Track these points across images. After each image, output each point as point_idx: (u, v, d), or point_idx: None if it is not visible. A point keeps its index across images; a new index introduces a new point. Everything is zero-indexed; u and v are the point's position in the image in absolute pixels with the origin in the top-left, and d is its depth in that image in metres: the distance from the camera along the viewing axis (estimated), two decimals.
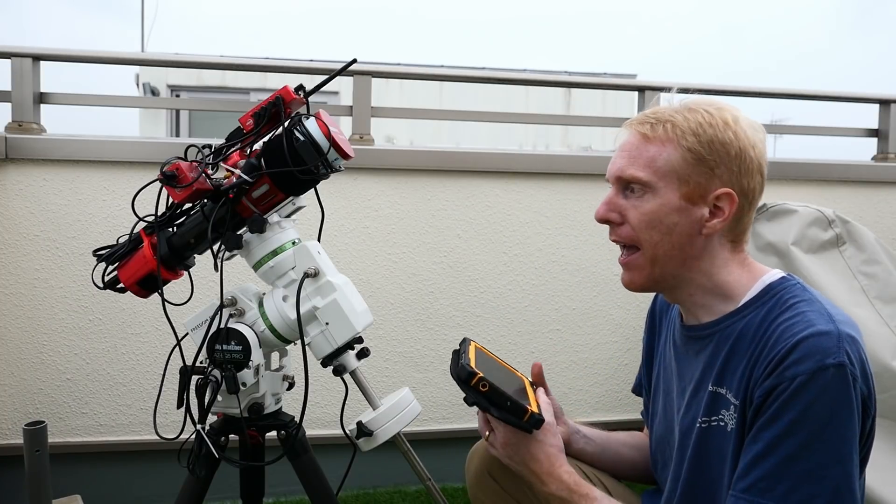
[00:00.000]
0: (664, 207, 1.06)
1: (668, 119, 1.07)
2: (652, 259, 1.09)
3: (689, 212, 1.06)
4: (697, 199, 1.05)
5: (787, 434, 0.95)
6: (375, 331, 2.28)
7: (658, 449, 1.27)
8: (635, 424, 1.49)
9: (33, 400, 2.15)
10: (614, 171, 1.10)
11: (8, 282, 2.11)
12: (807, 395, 0.94)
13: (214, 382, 1.19)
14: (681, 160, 1.05)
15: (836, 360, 0.94)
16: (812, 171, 2.60)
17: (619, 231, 1.12)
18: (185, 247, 1.23)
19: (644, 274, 1.11)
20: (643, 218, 1.07)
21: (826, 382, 0.94)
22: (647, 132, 1.07)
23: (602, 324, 2.47)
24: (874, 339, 2.17)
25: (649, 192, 1.06)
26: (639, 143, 1.08)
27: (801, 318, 1.00)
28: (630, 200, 1.09)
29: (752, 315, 1.06)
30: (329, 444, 1.71)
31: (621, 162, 1.09)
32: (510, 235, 2.40)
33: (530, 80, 3.41)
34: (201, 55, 6.59)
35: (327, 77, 1.23)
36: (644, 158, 1.06)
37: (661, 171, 1.05)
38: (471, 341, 1.36)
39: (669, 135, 1.05)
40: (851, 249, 2.34)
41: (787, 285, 1.07)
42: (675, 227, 1.06)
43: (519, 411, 1.10)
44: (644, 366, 1.39)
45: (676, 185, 1.05)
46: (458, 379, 1.13)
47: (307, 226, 1.36)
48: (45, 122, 2.22)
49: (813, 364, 0.94)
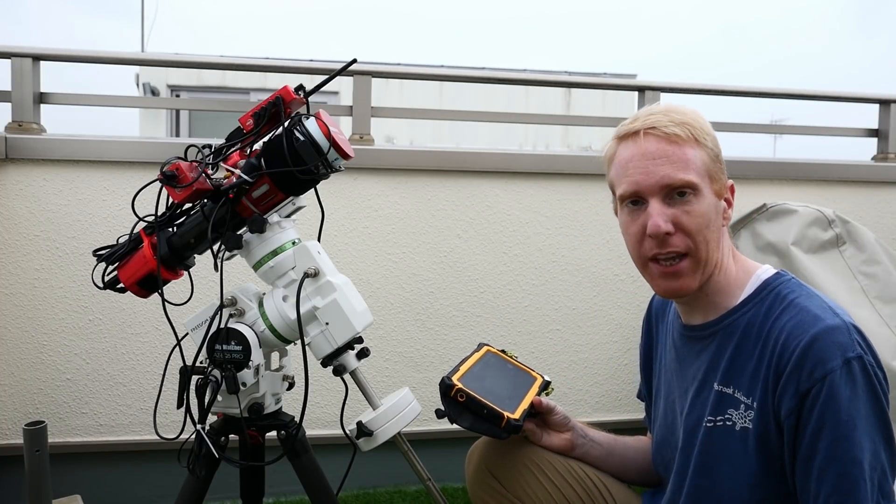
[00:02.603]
0: (710, 207, 1.07)
1: (685, 120, 1.07)
2: (705, 261, 1.08)
3: (718, 206, 1.09)
4: (722, 193, 1.10)
5: (839, 440, 0.96)
6: (375, 331, 2.28)
7: (660, 451, 1.27)
8: (635, 424, 1.50)
9: (33, 400, 2.15)
10: (660, 180, 1.05)
11: (8, 282, 2.11)
12: (844, 394, 0.96)
13: (214, 382, 1.19)
14: (707, 158, 1.07)
15: (855, 352, 0.97)
16: (812, 171, 2.60)
17: (673, 241, 1.07)
18: (185, 247, 1.23)
19: (696, 278, 1.09)
20: (698, 221, 1.06)
21: (855, 376, 0.97)
22: (679, 132, 1.05)
23: (602, 324, 2.47)
24: (874, 339, 2.14)
25: (697, 194, 1.06)
26: (672, 147, 1.06)
27: (806, 315, 1.01)
28: (679, 207, 1.06)
29: (752, 312, 1.07)
30: (329, 444, 1.71)
31: (665, 169, 1.05)
32: (510, 235, 2.40)
33: (530, 80, 3.41)
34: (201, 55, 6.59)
35: (327, 77, 1.23)
36: (684, 161, 1.05)
37: (700, 171, 1.06)
38: (485, 346, 1.38)
39: (692, 135, 1.06)
40: (851, 249, 2.34)
41: (782, 281, 1.09)
42: (715, 225, 1.08)
43: (495, 418, 1.12)
44: (643, 372, 1.39)
45: (710, 183, 1.07)
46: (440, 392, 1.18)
47: (307, 226, 1.36)
48: (45, 122, 2.22)
49: (838, 360, 0.97)
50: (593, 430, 1.38)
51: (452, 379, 1.17)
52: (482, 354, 1.36)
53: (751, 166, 2.52)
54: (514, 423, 1.14)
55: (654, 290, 1.14)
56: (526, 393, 1.30)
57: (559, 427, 1.34)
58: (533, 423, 1.31)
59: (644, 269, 1.13)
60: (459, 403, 1.15)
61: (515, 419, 1.14)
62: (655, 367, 1.32)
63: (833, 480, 0.97)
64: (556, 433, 1.34)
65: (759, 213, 2.34)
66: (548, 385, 1.37)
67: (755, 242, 2.32)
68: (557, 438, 1.33)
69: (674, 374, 1.22)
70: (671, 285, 1.09)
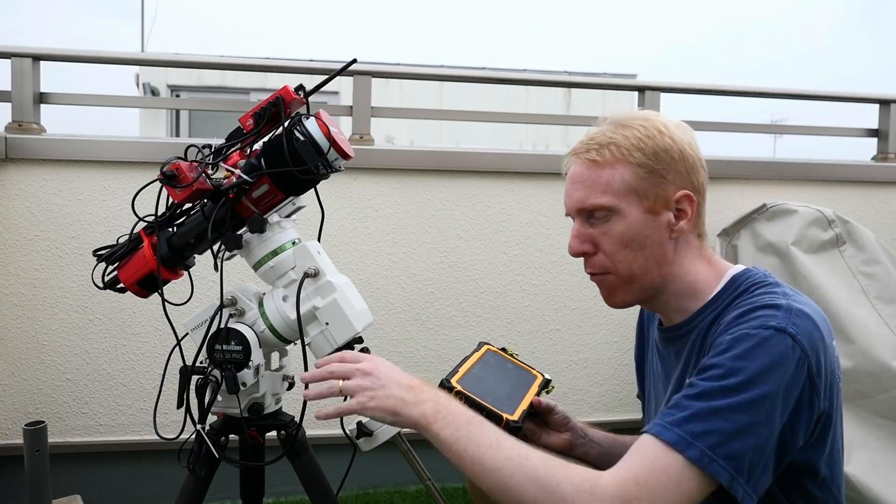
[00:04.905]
0: (633, 225, 1.08)
1: (609, 141, 1.09)
2: (628, 278, 1.11)
3: (656, 221, 1.09)
4: (660, 208, 1.09)
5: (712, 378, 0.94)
6: (375, 331, 2.28)
7: None
8: (635, 424, 1.49)
9: (33, 400, 2.15)
10: (574, 204, 1.12)
11: (8, 282, 2.11)
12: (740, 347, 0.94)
13: (214, 382, 1.19)
14: (634, 177, 1.08)
15: (779, 324, 0.95)
16: (812, 171, 2.60)
17: (593, 262, 1.13)
18: (185, 247, 1.23)
19: (629, 292, 1.13)
20: (615, 241, 1.09)
21: (763, 339, 0.94)
22: (596, 158, 1.09)
23: (602, 324, 2.47)
24: (874, 339, 2.17)
25: (614, 215, 1.08)
26: (590, 171, 1.10)
27: (757, 298, 1.02)
28: (598, 228, 1.10)
29: (719, 306, 1.09)
30: (329, 444, 1.71)
31: (579, 193, 1.11)
32: (510, 235, 2.40)
33: (530, 80, 3.41)
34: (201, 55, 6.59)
35: (327, 77, 1.23)
36: (600, 184, 1.08)
37: (619, 192, 1.08)
38: (485, 345, 1.38)
39: (616, 155, 1.08)
40: (851, 249, 2.34)
41: (749, 274, 1.10)
42: (646, 241, 1.09)
43: (494, 420, 1.13)
44: (637, 374, 1.40)
45: (637, 202, 1.08)
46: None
47: (307, 226, 1.36)
48: (45, 122, 2.22)
49: (756, 323, 0.96)
50: (593, 430, 1.38)
51: (451, 381, 1.17)
52: (482, 354, 1.36)
53: (751, 166, 2.52)
54: (513, 424, 1.14)
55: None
56: (525, 393, 1.30)
57: (559, 427, 1.34)
58: (532, 423, 1.31)
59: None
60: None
61: (514, 420, 1.15)
62: (646, 368, 1.33)
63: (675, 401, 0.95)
64: (556, 433, 1.34)
65: (759, 213, 2.34)
66: (548, 383, 1.37)
67: (755, 242, 2.32)
68: (557, 438, 1.33)
69: (659, 376, 1.24)
70: (607, 297, 1.16)
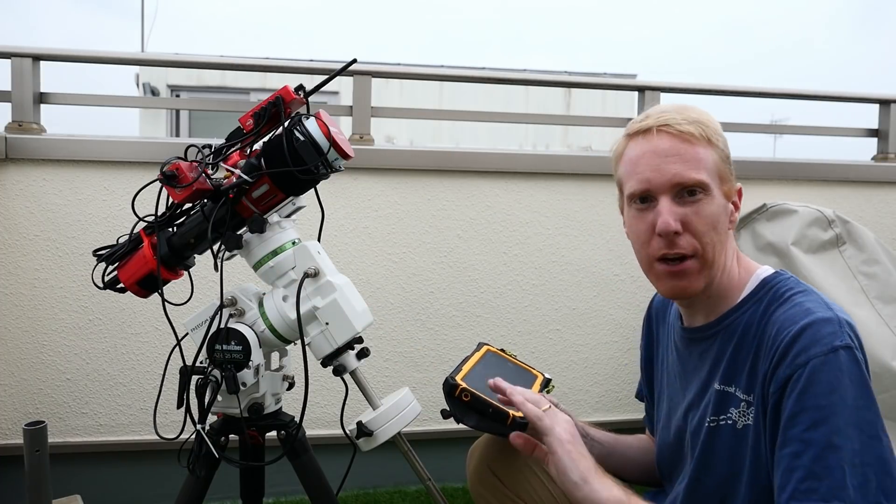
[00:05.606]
0: (719, 208, 1.06)
1: (698, 119, 1.06)
2: (711, 262, 1.06)
3: (727, 209, 1.08)
4: (731, 195, 1.09)
5: (821, 421, 0.92)
6: (375, 331, 2.28)
7: (663, 453, 1.27)
8: (635, 424, 1.50)
9: (33, 400, 2.15)
10: (672, 178, 1.04)
11: (8, 282, 2.11)
12: (825, 379, 0.93)
13: (214, 382, 1.19)
14: (718, 159, 1.06)
15: (843, 342, 0.95)
16: (812, 171, 2.60)
17: (681, 243, 1.05)
18: (185, 247, 1.23)
19: (702, 279, 1.07)
20: (707, 222, 1.04)
21: (840, 364, 0.93)
22: (693, 131, 1.04)
23: (602, 324, 2.47)
24: (874, 339, 2.17)
25: (707, 194, 1.04)
26: (684, 146, 1.04)
27: (799, 308, 1.00)
28: (689, 206, 1.04)
29: (751, 310, 1.07)
30: (329, 444, 1.71)
31: (676, 167, 1.04)
32: (510, 235, 2.40)
33: (530, 80, 3.41)
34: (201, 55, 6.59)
35: (327, 77, 1.23)
36: (696, 160, 1.04)
37: (711, 171, 1.05)
38: (484, 346, 1.38)
39: (706, 135, 1.05)
40: (851, 249, 2.34)
41: (781, 279, 1.09)
42: (723, 227, 1.07)
43: (501, 417, 1.12)
44: (643, 373, 1.39)
45: (720, 185, 1.06)
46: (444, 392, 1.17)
47: (307, 226, 1.36)
48: (45, 122, 2.22)
49: (823, 347, 0.94)
50: (594, 429, 1.38)
51: (456, 378, 1.17)
52: (482, 354, 1.36)
53: (751, 166, 2.52)
54: (520, 420, 1.14)
55: (659, 290, 1.12)
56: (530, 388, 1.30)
57: None
58: None
59: (650, 268, 1.11)
60: (464, 403, 1.15)
61: (520, 417, 1.14)
62: (656, 367, 1.32)
63: (808, 465, 0.92)
64: None
65: (759, 213, 2.34)
66: (548, 382, 1.37)
67: (755, 242, 2.32)
68: None
69: (676, 376, 1.22)
70: (677, 285, 1.08)
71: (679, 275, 1.07)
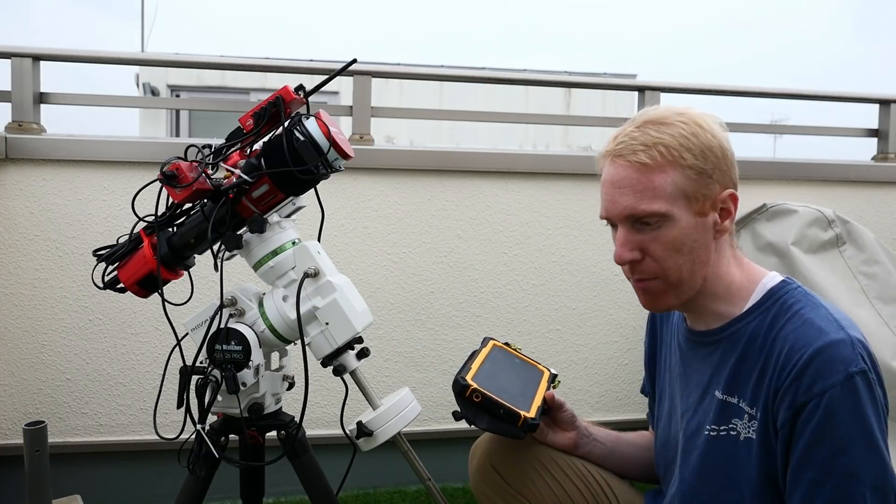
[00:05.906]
0: (684, 231, 1.04)
1: (657, 141, 1.02)
2: (676, 282, 1.06)
3: (703, 224, 1.05)
4: (708, 209, 1.05)
5: (841, 452, 0.94)
6: (375, 331, 2.28)
7: (662, 452, 1.27)
8: (635, 424, 1.50)
9: (33, 400, 2.14)
10: (623, 210, 1.04)
11: (8, 282, 2.11)
12: (844, 409, 0.94)
13: (214, 382, 1.19)
14: (685, 180, 1.02)
15: (858, 367, 0.95)
16: (812, 171, 2.60)
17: (642, 268, 1.07)
18: (185, 247, 1.23)
19: (673, 296, 1.09)
20: (667, 247, 1.04)
21: (857, 391, 0.94)
22: (645, 160, 1.01)
23: (602, 324, 2.47)
24: (874, 339, 2.17)
25: (666, 221, 1.03)
26: (639, 175, 1.03)
27: (810, 327, 0.99)
28: (647, 234, 1.05)
29: (757, 321, 1.06)
30: (329, 444, 1.71)
31: (627, 199, 1.03)
32: (510, 235, 2.40)
33: (530, 80, 3.41)
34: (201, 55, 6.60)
35: (327, 77, 1.23)
36: (651, 189, 1.02)
37: (671, 197, 1.02)
38: (490, 341, 1.38)
39: (667, 157, 1.01)
40: (851, 249, 2.34)
41: (788, 290, 1.07)
42: (695, 244, 1.05)
43: (513, 418, 1.11)
44: (647, 370, 1.39)
45: (687, 205, 1.03)
46: (454, 393, 1.16)
47: (307, 226, 1.36)
48: (45, 122, 2.22)
49: (840, 376, 0.94)
50: (596, 428, 1.38)
51: (467, 378, 1.16)
52: (489, 350, 1.35)
53: (751, 166, 2.52)
54: (532, 421, 1.13)
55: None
56: (536, 389, 1.30)
57: (566, 424, 1.34)
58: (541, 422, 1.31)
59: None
60: (475, 404, 1.13)
61: (532, 418, 1.14)
62: (659, 366, 1.32)
63: (829, 494, 0.94)
64: (562, 431, 1.34)
65: (759, 213, 2.34)
66: (555, 378, 1.37)
67: (755, 242, 2.32)
68: (562, 436, 1.34)
69: (678, 376, 1.22)
70: (648, 300, 1.12)
71: (646, 291, 1.10)
